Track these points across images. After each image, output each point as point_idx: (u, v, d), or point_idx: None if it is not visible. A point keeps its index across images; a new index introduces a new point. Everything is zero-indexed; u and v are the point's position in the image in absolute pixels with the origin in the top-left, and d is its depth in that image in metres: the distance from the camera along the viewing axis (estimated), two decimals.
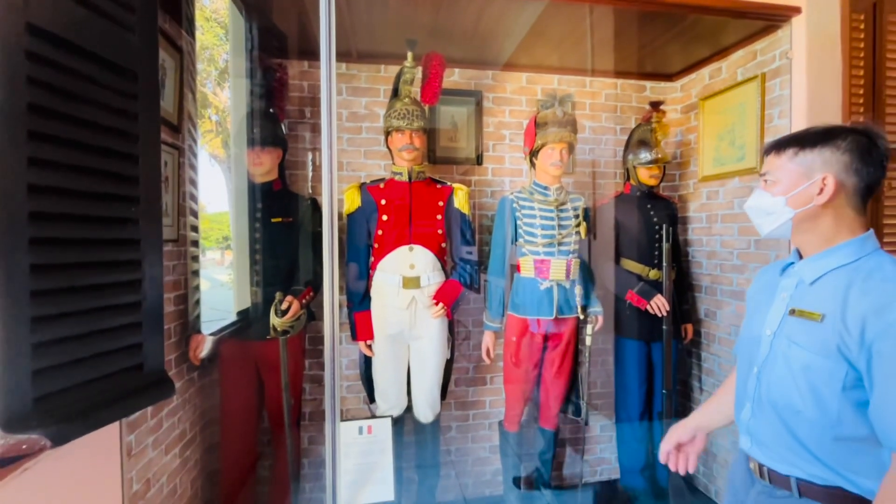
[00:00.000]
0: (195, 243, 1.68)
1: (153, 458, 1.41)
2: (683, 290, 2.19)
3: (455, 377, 2.18)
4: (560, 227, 1.85)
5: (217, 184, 2.38)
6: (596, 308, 1.95)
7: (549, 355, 1.91)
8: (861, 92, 2.32)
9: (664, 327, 1.94)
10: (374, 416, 1.80)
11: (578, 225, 1.88)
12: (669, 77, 2.41)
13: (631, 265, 2.06)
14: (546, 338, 1.88)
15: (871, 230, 0.85)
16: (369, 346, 1.78)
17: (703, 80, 2.23)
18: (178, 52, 1.55)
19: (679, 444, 1.10)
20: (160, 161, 1.20)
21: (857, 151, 0.81)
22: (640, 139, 2.09)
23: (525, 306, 1.85)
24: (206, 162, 2.59)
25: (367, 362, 1.84)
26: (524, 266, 1.86)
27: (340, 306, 1.96)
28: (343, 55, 2.04)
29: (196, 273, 1.67)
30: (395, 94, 1.79)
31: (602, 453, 2.36)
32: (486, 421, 2.22)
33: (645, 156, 2.05)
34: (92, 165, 0.97)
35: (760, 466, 0.91)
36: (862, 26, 2.34)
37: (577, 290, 1.89)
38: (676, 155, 2.41)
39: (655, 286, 1.99)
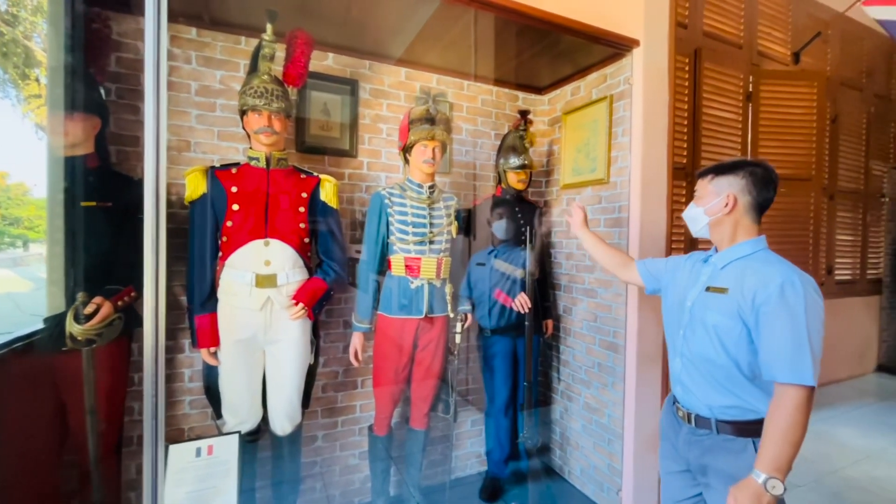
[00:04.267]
0: None
1: None
2: (546, 288, 2.37)
3: (323, 382, 2.04)
4: (432, 225, 1.84)
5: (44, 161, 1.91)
6: (465, 306, 1.99)
7: (420, 355, 1.88)
8: (685, 122, 2.78)
9: (526, 323, 2.06)
10: (220, 434, 1.58)
11: (450, 224, 1.90)
12: (539, 90, 2.59)
13: (500, 265, 2.15)
14: (416, 337, 1.86)
15: (763, 235, 1.18)
16: (214, 354, 1.56)
17: (566, 96, 2.44)
18: None
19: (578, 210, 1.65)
20: None
21: (751, 178, 1.15)
22: (510, 145, 2.19)
23: (395, 306, 1.80)
24: (31, 133, 2.06)
25: (212, 373, 1.61)
26: (395, 264, 1.81)
27: (173, 309, 1.70)
28: (193, 19, 1.76)
29: None
30: (254, 69, 1.59)
31: (472, 447, 2.43)
32: (355, 427, 2.12)
33: (514, 161, 2.16)
34: None
35: (688, 414, 1.22)
36: (687, 67, 2.80)
37: (448, 288, 1.90)
38: (544, 163, 2.60)
39: (521, 285, 2.10)
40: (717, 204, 1.18)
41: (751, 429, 1.11)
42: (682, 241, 2.73)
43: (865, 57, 3.83)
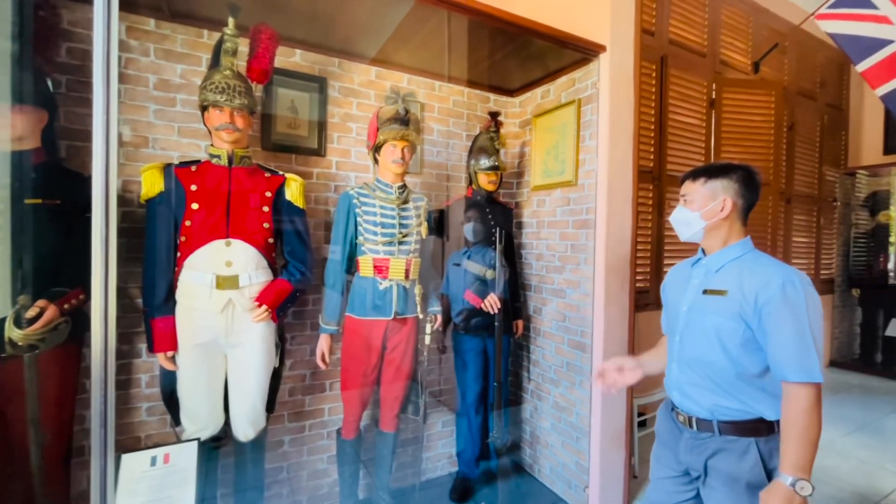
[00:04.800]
0: None
1: None
2: (516, 288, 2.39)
3: (290, 386, 1.99)
4: (401, 225, 1.83)
5: None
6: (435, 307, 1.98)
7: (389, 356, 1.87)
8: (652, 127, 2.85)
9: (496, 323, 2.07)
10: (179, 441, 1.52)
11: (420, 224, 1.89)
12: (510, 93, 2.61)
13: (471, 266, 2.16)
14: (385, 339, 1.84)
15: (749, 236, 1.20)
16: (172, 359, 1.50)
17: (536, 98, 2.47)
18: None
19: (619, 369, 1.37)
20: None
21: (742, 181, 1.16)
22: (480, 146, 2.21)
23: (363, 307, 1.78)
24: None
25: (169, 378, 1.54)
26: (363, 265, 1.79)
27: (130, 312, 1.63)
28: (152, 10, 1.70)
29: None
30: (216, 64, 1.54)
31: (442, 448, 2.42)
32: (324, 430, 2.08)
33: (484, 162, 2.17)
34: None
35: (689, 418, 1.19)
36: (654, 73, 2.88)
37: (417, 289, 1.89)
38: (516, 165, 2.62)
39: (492, 286, 2.11)
40: (713, 208, 1.16)
41: (753, 428, 1.11)
42: (647, 243, 2.80)
43: (819, 68, 4.04)
